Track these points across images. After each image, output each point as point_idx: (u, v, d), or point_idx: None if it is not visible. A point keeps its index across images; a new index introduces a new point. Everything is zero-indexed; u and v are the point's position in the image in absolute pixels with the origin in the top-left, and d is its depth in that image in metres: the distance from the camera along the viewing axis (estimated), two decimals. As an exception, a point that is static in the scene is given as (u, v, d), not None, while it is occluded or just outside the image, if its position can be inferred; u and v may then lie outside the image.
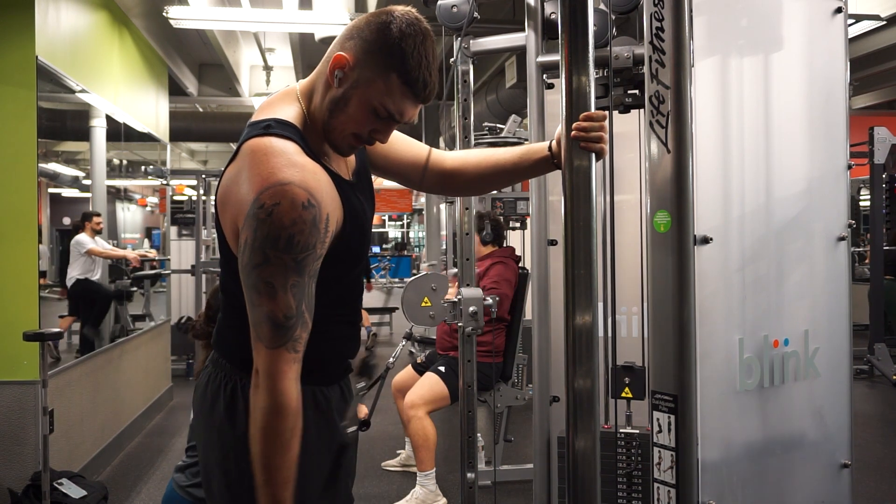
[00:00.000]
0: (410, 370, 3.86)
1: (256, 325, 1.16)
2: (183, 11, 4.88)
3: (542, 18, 2.19)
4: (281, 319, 1.14)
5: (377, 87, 1.20)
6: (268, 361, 1.15)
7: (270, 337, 1.14)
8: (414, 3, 1.30)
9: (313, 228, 1.15)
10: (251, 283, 1.16)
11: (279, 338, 1.14)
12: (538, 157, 1.47)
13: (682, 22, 1.32)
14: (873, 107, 9.37)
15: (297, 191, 1.13)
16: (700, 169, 1.85)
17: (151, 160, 6.05)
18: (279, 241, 1.13)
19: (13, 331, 3.08)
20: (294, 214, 1.12)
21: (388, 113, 1.23)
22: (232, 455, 1.29)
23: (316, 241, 1.16)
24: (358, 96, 1.21)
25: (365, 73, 1.21)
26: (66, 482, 3.14)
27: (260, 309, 1.15)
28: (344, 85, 1.22)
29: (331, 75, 1.22)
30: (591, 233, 1.21)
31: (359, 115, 1.23)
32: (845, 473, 2.12)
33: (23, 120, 3.24)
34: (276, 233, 1.12)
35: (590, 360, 1.20)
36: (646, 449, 1.91)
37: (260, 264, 1.14)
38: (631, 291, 2.17)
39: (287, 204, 1.12)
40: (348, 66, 1.21)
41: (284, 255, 1.13)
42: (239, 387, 1.29)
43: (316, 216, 1.15)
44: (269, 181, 1.13)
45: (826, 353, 2.08)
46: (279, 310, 1.14)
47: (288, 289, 1.14)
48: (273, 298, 1.14)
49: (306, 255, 1.15)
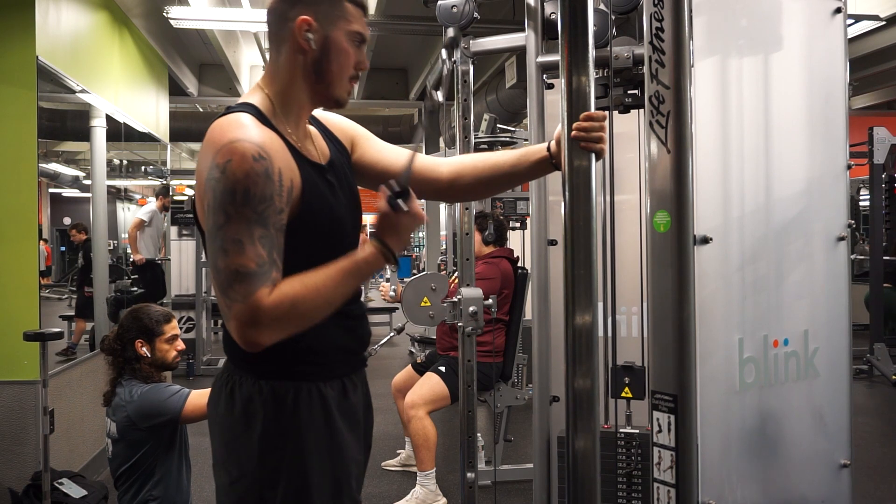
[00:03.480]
0: (410, 370, 3.86)
1: (226, 286, 1.14)
2: (183, 11, 4.88)
3: (542, 18, 2.19)
4: (252, 268, 1.13)
5: (342, 22, 1.30)
6: (244, 314, 1.13)
7: (246, 291, 1.12)
8: (414, 3, 1.33)
9: (267, 180, 1.17)
10: (218, 246, 1.15)
11: (254, 284, 1.13)
12: (537, 159, 1.46)
13: (682, 22, 1.33)
14: (873, 107, 9.37)
15: (245, 145, 1.17)
16: (700, 169, 1.85)
17: (151, 160, 6.05)
18: (236, 195, 1.14)
19: (13, 331, 3.08)
20: (246, 166, 1.15)
21: (360, 35, 1.32)
22: (232, 453, 1.30)
23: (272, 192, 1.18)
24: (335, 40, 1.29)
25: (327, 19, 1.28)
26: (67, 482, 3.14)
27: (229, 267, 1.13)
28: (319, 40, 1.29)
29: (304, 42, 1.28)
30: (591, 233, 1.21)
31: (346, 54, 1.31)
32: (845, 473, 2.12)
33: (23, 120, 3.24)
34: (231, 187, 1.14)
35: (590, 360, 1.20)
36: (646, 449, 1.91)
37: (223, 224, 1.14)
38: (631, 291, 2.17)
39: (238, 158, 1.15)
40: (314, 24, 1.28)
41: (244, 209, 1.14)
42: (237, 386, 1.30)
43: (268, 168, 1.18)
44: (220, 143, 1.18)
45: (826, 353, 2.09)
46: (250, 260, 1.13)
47: (256, 240, 1.15)
48: (242, 253, 1.13)
49: (266, 206, 1.16)
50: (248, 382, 1.29)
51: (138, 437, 2.20)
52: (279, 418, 1.27)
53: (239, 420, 1.28)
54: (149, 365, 2.29)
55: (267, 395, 1.28)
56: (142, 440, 2.20)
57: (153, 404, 2.19)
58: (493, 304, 2.41)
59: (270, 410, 1.27)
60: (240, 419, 1.28)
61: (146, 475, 2.21)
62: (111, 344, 2.30)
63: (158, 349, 2.31)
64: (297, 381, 1.29)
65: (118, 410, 2.22)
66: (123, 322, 2.33)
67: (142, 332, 2.29)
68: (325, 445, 1.31)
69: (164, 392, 2.20)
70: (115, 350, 2.29)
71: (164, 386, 2.24)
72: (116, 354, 2.29)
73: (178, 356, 2.36)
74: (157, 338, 2.30)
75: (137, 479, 2.21)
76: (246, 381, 1.29)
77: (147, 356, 2.29)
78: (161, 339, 2.31)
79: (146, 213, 5.86)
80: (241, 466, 1.29)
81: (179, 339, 2.38)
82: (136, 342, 2.28)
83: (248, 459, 1.28)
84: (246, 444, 1.28)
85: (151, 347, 2.30)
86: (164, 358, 2.32)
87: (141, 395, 2.20)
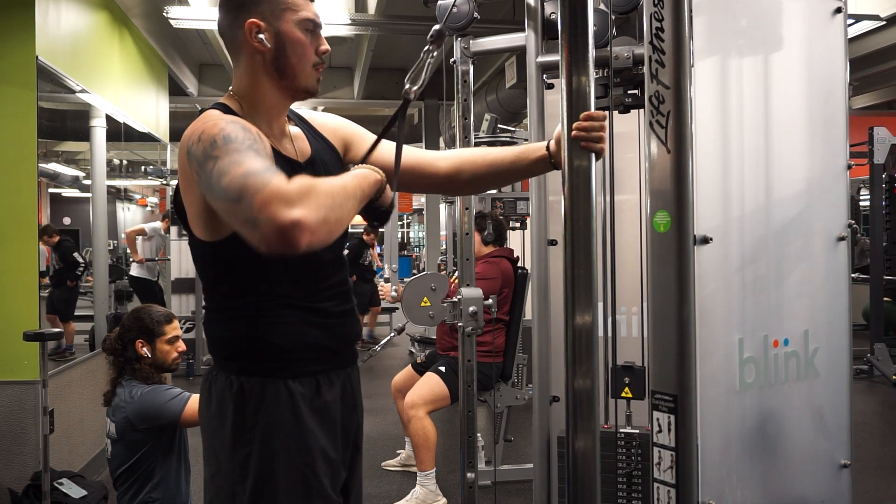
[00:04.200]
0: (410, 370, 3.86)
1: (240, 192, 1.04)
2: (183, 11, 4.88)
3: (542, 18, 2.19)
4: (259, 167, 1.07)
5: (289, 13, 1.31)
6: (269, 196, 1.01)
7: (262, 181, 1.03)
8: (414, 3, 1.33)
9: (245, 129, 1.19)
10: (216, 179, 1.09)
11: (265, 174, 1.05)
12: (535, 157, 1.47)
13: (682, 22, 1.33)
14: (873, 107, 9.37)
15: (216, 114, 1.24)
16: (700, 169, 1.85)
17: (151, 160, 6.05)
18: (216, 141, 1.14)
19: (13, 331, 3.08)
20: (221, 123, 1.18)
21: (311, 21, 1.34)
22: (210, 447, 1.34)
23: (252, 136, 1.18)
24: (286, 33, 1.31)
25: (273, 15, 1.31)
26: (67, 482, 3.14)
27: (234, 180, 1.06)
28: (271, 37, 1.31)
29: (258, 43, 1.31)
30: (591, 233, 1.21)
31: (301, 45, 1.33)
32: (845, 473, 2.12)
33: (23, 120, 3.24)
34: (210, 140, 1.15)
35: (590, 360, 1.20)
36: (646, 449, 1.91)
37: (214, 165, 1.11)
38: (631, 291, 2.17)
39: (210, 124, 1.18)
40: (262, 24, 1.30)
41: (228, 145, 1.13)
42: (213, 382, 1.34)
43: (243, 125, 1.20)
44: (192, 131, 1.20)
45: (826, 353, 2.09)
46: (253, 164, 1.08)
47: (252, 155, 1.10)
48: (242, 163, 1.08)
49: (251, 141, 1.15)
50: (222, 378, 1.32)
51: (137, 438, 2.20)
52: (245, 414, 1.29)
53: (215, 415, 1.32)
54: (149, 365, 2.29)
55: (236, 391, 1.30)
56: (140, 441, 2.20)
57: (153, 407, 2.19)
58: (494, 304, 2.41)
59: (239, 406, 1.29)
60: (215, 414, 1.32)
61: (145, 477, 2.21)
62: (112, 344, 2.31)
63: (159, 350, 2.31)
64: (264, 378, 1.31)
65: (117, 411, 2.23)
66: (125, 322, 2.33)
67: (143, 332, 2.29)
68: (293, 442, 1.31)
69: (165, 395, 2.20)
70: (115, 350, 2.30)
71: (165, 389, 2.24)
72: (117, 354, 2.30)
73: (178, 357, 2.36)
74: (157, 338, 2.31)
75: (136, 480, 2.21)
76: (220, 377, 1.32)
77: (147, 356, 2.29)
78: (162, 340, 2.31)
79: (149, 227, 5.82)
80: (219, 461, 1.33)
81: (180, 340, 2.39)
82: (136, 342, 2.28)
83: (223, 454, 1.31)
84: (220, 439, 1.31)
85: (152, 348, 2.30)
86: (164, 359, 2.32)
87: (141, 396, 2.20)
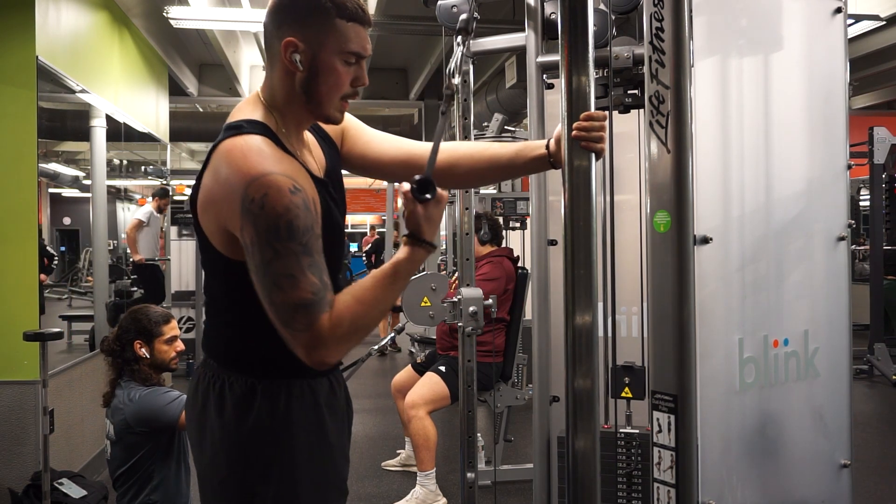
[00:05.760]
0: (410, 370, 3.86)
1: (288, 319, 1.16)
2: (183, 11, 4.88)
3: (542, 18, 2.19)
4: (311, 298, 1.16)
5: (333, 41, 1.25)
6: (310, 340, 1.16)
7: (308, 321, 1.15)
8: (414, 3, 1.32)
9: (306, 211, 1.17)
10: (270, 281, 1.16)
11: (315, 313, 1.16)
12: (534, 155, 1.46)
13: (682, 22, 1.33)
14: (873, 107, 9.37)
15: (280, 179, 1.16)
16: (700, 169, 1.85)
17: (151, 160, 6.05)
18: (280, 230, 1.14)
19: (13, 331, 3.08)
20: (285, 200, 1.15)
21: (356, 54, 1.27)
22: (222, 455, 1.31)
23: (312, 222, 1.19)
24: (324, 61, 1.25)
25: (316, 39, 1.24)
26: (67, 482, 3.14)
27: (287, 302, 1.16)
28: (307, 62, 1.25)
29: (291, 63, 1.26)
30: (591, 233, 1.21)
31: (336, 75, 1.27)
32: (845, 473, 2.12)
33: (23, 120, 3.24)
34: (274, 223, 1.14)
35: (590, 360, 1.20)
36: (646, 449, 1.91)
37: (272, 260, 1.15)
38: (631, 291, 2.17)
39: (275, 192, 1.15)
40: (300, 45, 1.24)
41: (290, 243, 1.15)
42: (227, 386, 1.31)
43: (304, 199, 1.18)
44: (251, 175, 1.16)
45: (826, 353, 2.09)
46: (306, 292, 1.15)
47: (306, 271, 1.16)
48: (297, 287, 1.15)
49: (309, 236, 1.17)
50: (240, 382, 1.30)
51: (135, 440, 2.19)
52: (273, 415, 1.29)
53: (231, 419, 1.29)
54: (148, 366, 2.29)
55: (260, 394, 1.29)
56: (139, 443, 2.20)
57: (151, 410, 2.18)
58: (493, 304, 2.41)
59: (265, 408, 1.29)
60: (231, 418, 1.29)
61: (144, 478, 2.21)
62: (110, 345, 2.30)
63: (157, 350, 2.30)
64: (290, 379, 1.31)
65: (116, 413, 2.22)
66: (122, 323, 2.33)
67: (140, 333, 2.29)
68: (317, 439, 1.34)
69: (163, 398, 2.20)
70: (114, 351, 2.29)
71: (164, 391, 2.24)
72: (115, 355, 2.29)
73: (176, 357, 2.36)
74: (155, 339, 2.30)
75: (136, 482, 2.21)
76: (238, 382, 1.30)
77: (146, 357, 2.28)
78: (160, 340, 2.31)
79: (144, 213, 5.87)
80: (232, 464, 1.30)
81: (179, 339, 2.38)
82: (134, 343, 2.27)
83: (240, 457, 1.30)
84: (235, 442, 1.29)
85: (150, 348, 2.29)
86: (163, 359, 2.32)
87: (139, 398, 2.20)
